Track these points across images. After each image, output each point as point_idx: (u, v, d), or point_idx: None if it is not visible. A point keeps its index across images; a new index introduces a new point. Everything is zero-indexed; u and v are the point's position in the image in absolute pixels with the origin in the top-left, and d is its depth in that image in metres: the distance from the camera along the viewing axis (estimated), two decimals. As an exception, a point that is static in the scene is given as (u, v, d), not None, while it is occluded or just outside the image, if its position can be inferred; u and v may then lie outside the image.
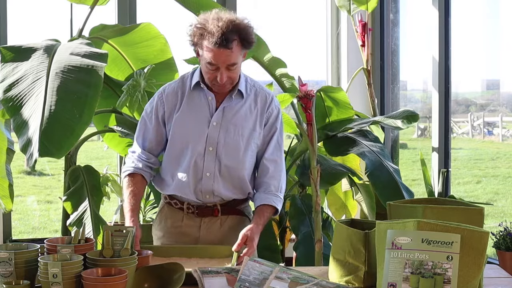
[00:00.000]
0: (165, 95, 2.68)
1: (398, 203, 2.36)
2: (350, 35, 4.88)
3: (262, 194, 2.67)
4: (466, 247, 1.86)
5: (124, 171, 2.70)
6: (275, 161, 2.70)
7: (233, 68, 2.52)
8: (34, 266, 2.06)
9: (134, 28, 3.75)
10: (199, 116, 2.63)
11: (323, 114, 4.17)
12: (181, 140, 2.64)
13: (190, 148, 2.63)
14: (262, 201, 2.65)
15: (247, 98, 2.67)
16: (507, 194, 8.13)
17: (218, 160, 2.62)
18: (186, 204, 2.69)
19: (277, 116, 2.71)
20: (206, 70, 2.54)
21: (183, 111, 2.64)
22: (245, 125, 2.64)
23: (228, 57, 2.48)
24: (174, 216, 2.72)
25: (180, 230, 2.71)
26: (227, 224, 2.70)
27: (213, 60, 2.48)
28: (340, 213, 4.35)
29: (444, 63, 4.25)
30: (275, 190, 2.67)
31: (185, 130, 2.64)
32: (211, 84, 2.58)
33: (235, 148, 2.63)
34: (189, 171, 2.63)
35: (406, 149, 9.13)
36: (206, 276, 2.11)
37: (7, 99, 2.89)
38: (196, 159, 2.62)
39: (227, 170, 2.63)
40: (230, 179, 2.65)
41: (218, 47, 2.44)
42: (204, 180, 2.63)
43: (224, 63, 2.49)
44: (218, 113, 2.63)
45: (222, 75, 2.51)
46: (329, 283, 2.10)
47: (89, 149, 10.62)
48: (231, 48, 2.46)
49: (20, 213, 8.18)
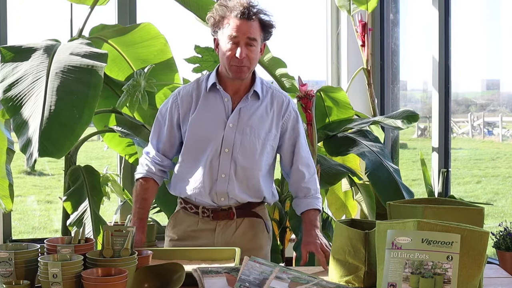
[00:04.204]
0: (180, 98, 2.68)
1: (398, 203, 2.36)
2: (350, 35, 4.88)
3: (304, 200, 2.72)
4: (466, 247, 1.86)
5: (138, 173, 2.72)
6: (308, 165, 2.73)
7: (252, 45, 2.54)
8: (34, 266, 2.06)
9: (134, 28, 3.75)
10: (215, 117, 2.63)
11: (323, 114, 4.17)
12: (196, 141, 2.64)
13: (206, 150, 2.63)
14: (307, 207, 2.70)
15: (263, 99, 2.67)
16: (507, 194, 8.13)
17: (234, 161, 2.62)
18: (201, 208, 2.68)
19: (297, 119, 2.72)
20: (226, 48, 2.55)
21: (199, 112, 2.64)
22: (261, 126, 2.64)
23: (249, 29, 2.52)
24: (189, 220, 2.72)
25: (195, 234, 2.70)
26: (243, 227, 2.70)
27: (234, 31, 2.52)
28: (340, 213, 4.35)
29: (444, 63, 4.25)
30: (315, 193, 2.73)
31: (201, 132, 2.64)
32: (229, 65, 2.57)
33: (251, 150, 2.63)
34: (204, 172, 2.63)
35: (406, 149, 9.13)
36: (206, 276, 2.11)
37: (7, 99, 2.89)
38: (212, 161, 2.62)
39: (242, 171, 2.63)
40: (245, 181, 2.65)
41: (240, 18, 2.52)
42: (219, 182, 2.63)
43: (245, 35, 2.52)
44: (234, 114, 2.63)
45: (242, 49, 2.52)
46: (329, 283, 2.10)
47: (89, 149, 10.62)
48: (252, 19, 2.53)
49: (20, 213, 8.18)
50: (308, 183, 2.72)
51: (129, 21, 4.35)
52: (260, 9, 2.57)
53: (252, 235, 2.70)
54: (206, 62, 3.75)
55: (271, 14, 2.60)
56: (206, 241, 2.67)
